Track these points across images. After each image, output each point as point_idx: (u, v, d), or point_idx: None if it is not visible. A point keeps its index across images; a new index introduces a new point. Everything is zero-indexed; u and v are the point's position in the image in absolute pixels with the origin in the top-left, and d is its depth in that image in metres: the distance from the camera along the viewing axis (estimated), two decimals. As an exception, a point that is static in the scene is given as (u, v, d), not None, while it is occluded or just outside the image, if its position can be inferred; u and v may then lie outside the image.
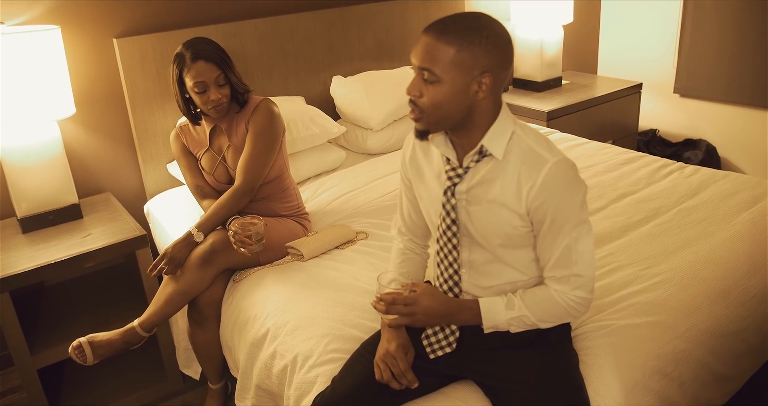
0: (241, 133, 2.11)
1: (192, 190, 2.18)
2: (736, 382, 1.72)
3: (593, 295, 1.39)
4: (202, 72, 1.96)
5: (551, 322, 1.41)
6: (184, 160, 2.19)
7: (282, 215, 2.20)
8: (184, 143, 2.19)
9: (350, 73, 3.10)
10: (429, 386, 1.48)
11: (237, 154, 2.10)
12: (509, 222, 1.36)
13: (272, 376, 1.75)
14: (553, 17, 3.53)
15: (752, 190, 2.31)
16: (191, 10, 2.64)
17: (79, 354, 1.84)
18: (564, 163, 1.31)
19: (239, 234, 1.86)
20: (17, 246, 2.15)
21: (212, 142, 2.15)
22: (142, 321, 1.92)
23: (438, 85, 1.26)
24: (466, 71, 1.25)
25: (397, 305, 1.36)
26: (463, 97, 1.28)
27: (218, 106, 2.02)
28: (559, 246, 1.34)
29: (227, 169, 2.14)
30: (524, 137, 1.34)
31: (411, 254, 1.62)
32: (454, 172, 1.39)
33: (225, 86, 2.02)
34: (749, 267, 1.86)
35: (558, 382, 1.39)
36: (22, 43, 1.99)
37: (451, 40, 1.24)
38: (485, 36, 1.25)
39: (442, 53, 1.24)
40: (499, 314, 1.39)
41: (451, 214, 1.41)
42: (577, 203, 1.33)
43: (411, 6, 3.22)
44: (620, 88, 3.69)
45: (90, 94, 2.48)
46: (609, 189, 2.43)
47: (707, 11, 3.62)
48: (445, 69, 1.25)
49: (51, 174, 2.21)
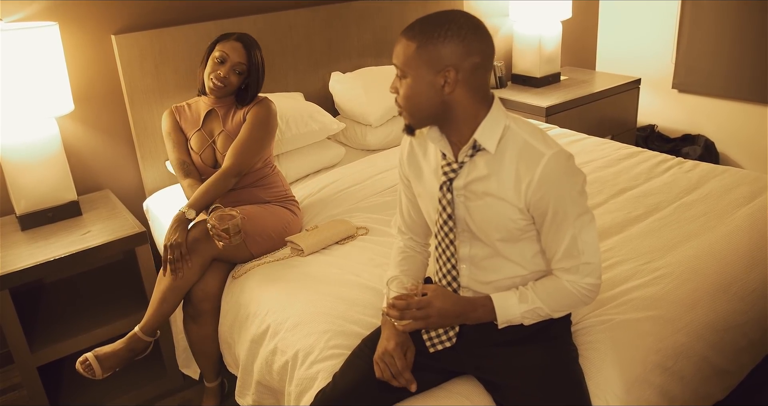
0: (237, 122, 2.16)
1: (175, 166, 2.19)
2: (736, 376, 1.72)
3: (601, 279, 1.40)
4: (233, 49, 2.08)
5: (564, 311, 1.42)
6: (174, 135, 2.21)
7: (267, 201, 2.20)
8: (177, 120, 2.22)
9: (349, 69, 3.10)
10: (430, 382, 1.48)
11: (228, 141, 2.14)
12: (508, 216, 1.36)
13: (273, 372, 1.75)
14: (551, 13, 3.53)
15: (751, 185, 2.32)
16: (189, 7, 2.64)
17: (86, 369, 1.85)
18: (560, 155, 1.31)
19: (216, 228, 1.87)
20: (16, 243, 2.15)
21: (204, 124, 2.19)
22: (142, 325, 1.92)
23: (405, 80, 1.31)
24: (429, 65, 1.28)
25: (410, 310, 1.35)
26: (431, 92, 1.30)
27: (219, 84, 2.08)
28: (564, 238, 1.34)
29: (215, 153, 2.18)
30: (519, 131, 1.34)
31: (411, 253, 1.62)
32: (449, 168, 1.39)
33: (239, 76, 2.10)
34: (749, 261, 1.86)
35: (558, 377, 1.39)
36: (20, 39, 1.98)
37: (413, 36, 1.29)
38: (447, 30, 1.26)
39: (407, 50, 1.29)
40: (513, 308, 1.39)
41: (447, 209, 1.41)
42: (576, 193, 1.33)
43: (410, 2, 3.22)
44: (619, 84, 3.70)
45: (88, 91, 2.48)
46: (608, 184, 2.43)
47: (705, 6, 3.62)
48: (409, 64, 1.29)
49: (50, 171, 2.21)
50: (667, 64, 3.93)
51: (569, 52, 4.15)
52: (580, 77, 3.89)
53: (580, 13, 4.04)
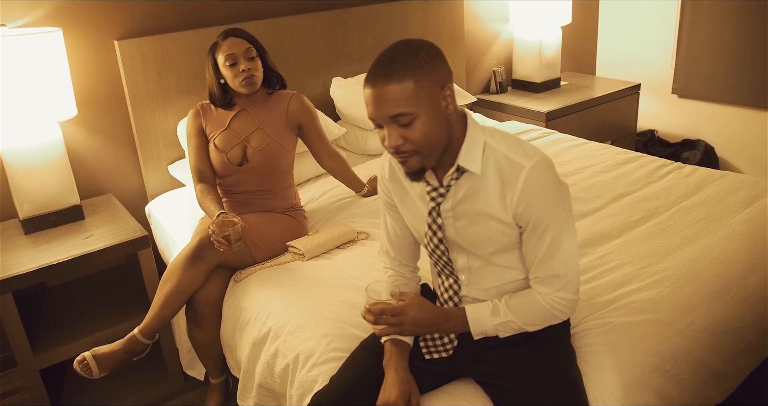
0: (275, 119, 2.20)
1: (191, 170, 2.22)
2: (734, 379, 1.73)
3: (578, 296, 1.41)
4: (231, 45, 2.09)
5: (538, 325, 1.42)
6: (195, 140, 2.22)
7: (278, 211, 2.22)
8: (202, 123, 2.22)
9: (350, 74, 3.11)
10: (429, 385, 1.49)
11: (264, 136, 2.18)
12: (499, 230, 1.37)
13: (274, 375, 1.76)
14: (551, 18, 3.55)
15: (750, 190, 2.33)
16: (192, 12, 2.66)
17: (84, 368, 1.86)
18: (540, 165, 1.32)
19: (216, 234, 1.88)
20: (19, 247, 2.16)
21: (231, 124, 2.20)
22: (141, 328, 1.93)
23: (417, 120, 1.25)
24: (432, 94, 1.25)
25: (385, 315, 1.36)
26: (442, 118, 1.29)
27: (249, 78, 2.10)
28: (542, 246, 1.35)
29: (244, 151, 2.19)
30: (497, 147, 1.34)
31: (403, 280, 1.60)
32: (436, 193, 1.40)
33: (255, 60, 2.12)
34: (747, 265, 1.87)
35: (556, 379, 1.40)
36: (24, 45, 2.00)
37: (402, 77, 1.22)
38: (425, 54, 1.25)
39: (405, 91, 1.22)
40: (486, 320, 1.40)
41: (438, 233, 1.42)
42: (559, 205, 1.34)
43: (411, 7, 3.23)
44: (619, 89, 3.71)
45: (91, 96, 2.50)
46: (608, 189, 2.45)
47: (705, 12, 3.64)
48: (415, 103, 1.23)
49: (53, 175, 2.22)
50: (666, 70, 3.94)
51: (569, 58, 4.17)
52: (580, 82, 3.90)
53: (580, 19, 4.06)
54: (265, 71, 2.18)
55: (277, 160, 2.21)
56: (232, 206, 2.23)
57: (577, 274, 1.38)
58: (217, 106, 2.22)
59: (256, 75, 2.12)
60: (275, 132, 2.20)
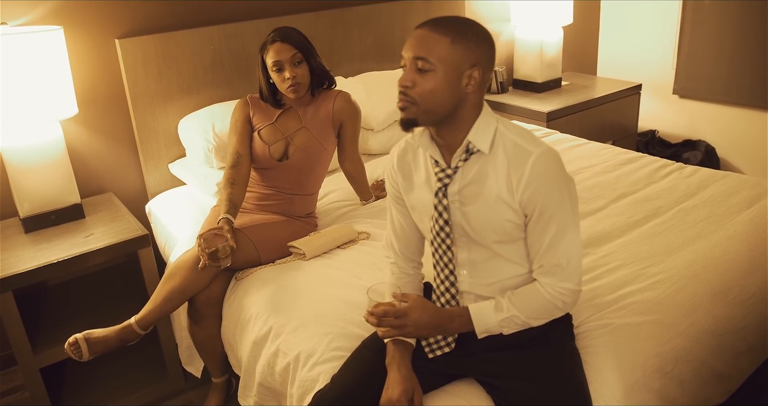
0: (321, 119, 2.21)
1: (230, 154, 2.19)
2: (735, 380, 1.73)
3: (581, 287, 1.41)
4: (278, 51, 2.07)
5: (542, 319, 1.42)
6: (240, 126, 2.21)
7: (293, 217, 2.23)
8: (250, 113, 2.23)
9: (351, 73, 3.11)
10: (431, 384, 1.49)
11: (308, 136, 2.20)
12: (505, 216, 1.37)
13: (275, 374, 1.76)
14: (552, 18, 3.55)
15: (751, 190, 2.32)
16: (193, 11, 2.65)
17: (74, 350, 1.86)
18: (548, 154, 1.33)
19: (201, 248, 1.88)
20: (20, 246, 2.16)
21: (278, 119, 2.22)
22: (139, 319, 1.93)
23: (432, 73, 1.30)
24: (459, 63, 1.30)
25: (387, 318, 1.36)
26: (455, 89, 1.31)
27: (294, 85, 2.10)
28: (547, 235, 1.35)
29: (287, 147, 2.20)
30: (507, 133, 1.37)
31: (406, 278, 1.61)
32: (443, 174, 1.40)
33: (302, 65, 2.11)
34: (748, 266, 1.87)
35: (560, 380, 1.40)
36: (24, 43, 2.00)
37: (446, 32, 1.29)
38: (475, 33, 1.32)
39: (438, 43, 1.29)
40: (489, 317, 1.40)
41: (443, 214, 1.42)
42: (565, 195, 1.35)
43: (412, 7, 3.23)
44: (620, 89, 3.71)
45: (92, 95, 2.49)
46: (609, 189, 2.44)
47: (706, 12, 3.64)
48: (439, 58, 1.29)
49: (53, 174, 2.22)
50: (667, 70, 3.94)
51: (570, 58, 4.17)
52: (581, 82, 3.90)
53: (581, 19, 4.05)
54: (313, 72, 2.17)
55: (317, 160, 2.22)
56: (254, 198, 2.23)
57: (579, 265, 1.39)
58: (266, 103, 2.23)
59: (301, 82, 2.11)
60: (319, 133, 2.21)
